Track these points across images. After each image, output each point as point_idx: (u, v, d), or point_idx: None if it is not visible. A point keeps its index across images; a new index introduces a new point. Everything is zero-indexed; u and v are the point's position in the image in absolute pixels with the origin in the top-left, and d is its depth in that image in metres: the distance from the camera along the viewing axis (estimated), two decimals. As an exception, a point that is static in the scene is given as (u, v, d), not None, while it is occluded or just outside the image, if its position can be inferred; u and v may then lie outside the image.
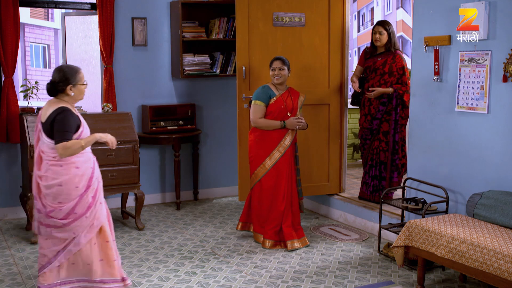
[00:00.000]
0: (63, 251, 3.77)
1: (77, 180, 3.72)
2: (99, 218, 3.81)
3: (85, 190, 3.75)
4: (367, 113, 5.61)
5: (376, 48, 5.61)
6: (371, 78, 5.56)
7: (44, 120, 3.73)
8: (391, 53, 5.49)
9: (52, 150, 3.69)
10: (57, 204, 3.70)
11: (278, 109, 4.95)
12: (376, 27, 5.53)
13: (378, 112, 5.51)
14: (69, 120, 3.66)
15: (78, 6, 6.19)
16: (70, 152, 3.63)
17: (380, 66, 5.50)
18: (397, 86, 5.41)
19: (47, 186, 3.71)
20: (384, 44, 5.51)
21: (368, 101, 5.58)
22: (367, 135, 5.65)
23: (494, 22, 4.08)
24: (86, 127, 3.80)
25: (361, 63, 5.73)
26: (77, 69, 3.77)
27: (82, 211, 3.73)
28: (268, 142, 4.96)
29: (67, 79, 3.71)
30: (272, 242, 4.96)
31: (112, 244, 3.88)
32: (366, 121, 5.62)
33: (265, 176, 4.97)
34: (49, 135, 3.70)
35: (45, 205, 3.73)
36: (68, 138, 3.61)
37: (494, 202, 3.93)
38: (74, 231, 3.73)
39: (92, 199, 3.78)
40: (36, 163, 3.80)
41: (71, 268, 3.81)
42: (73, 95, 3.75)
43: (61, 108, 3.69)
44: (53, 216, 3.71)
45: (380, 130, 5.54)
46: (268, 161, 4.96)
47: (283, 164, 4.98)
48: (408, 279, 4.28)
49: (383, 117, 5.51)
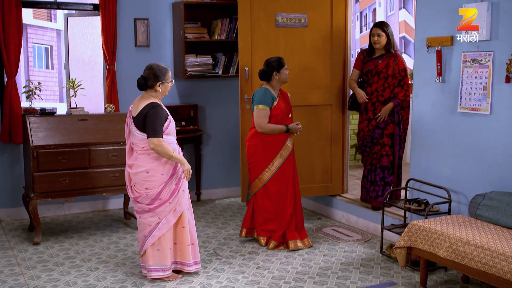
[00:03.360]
0: (149, 235, 4.13)
1: (162, 168, 4.10)
2: (181, 204, 4.17)
3: (170, 178, 4.13)
4: (371, 117, 5.43)
5: (374, 50, 5.45)
6: (374, 82, 5.40)
7: (135, 115, 4.11)
8: (392, 54, 5.35)
9: (142, 142, 4.10)
10: (144, 190, 4.11)
11: (282, 112, 4.92)
12: (374, 29, 5.37)
13: (381, 121, 5.38)
14: (160, 116, 4.04)
15: (81, 7, 6.20)
16: (158, 150, 4.01)
17: (383, 69, 5.34)
18: (396, 90, 5.31)
19: (135, 173, 4.13)
20: (383, 46, 5.36)
21: (372, 106, 5.42)
22: (368, 142, 5.51)
23: (497, 22, 4.07)
24: (172, 120, 4.19)
25: (358, 67, 5.54)
26: (167, 69, 4.18)
27: (166, 197, 4.10)
28: (272, 146, 4.92)
29: (157, 76, 4.11)
30: (275, 243, 4.96)
31: (187, 230, 4.22)
32: (370, 127, 5.45)
33: (270, 180, 4.94)
34: (140, 128, 4.08)
35: (134, 191, 4.16)
36: (159, 135, 4.01)
37: (497, 203, 3.92)
38: (159, 216, 4.12)
39: (176, 186, 4.15)
40: (127, 154, 4.26)
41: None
42: (160, 91, 4.15)
43: (152, 104, 4.08)
44: (140, 201, 4.13)
45: (385, 133, 5.40)
46: (273, 165, 4.93)
47: (288, 167, 4.97)
48: (410, 280, 4.28)
49: (385, 126, 5.39)
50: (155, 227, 4.14)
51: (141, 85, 4.15)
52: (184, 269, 4.28)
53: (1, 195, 5.90)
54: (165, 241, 4.15)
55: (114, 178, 5.34)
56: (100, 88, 6.26)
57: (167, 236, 4.16)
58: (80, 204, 6.21)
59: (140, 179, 4.12)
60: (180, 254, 4.26)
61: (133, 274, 4.38)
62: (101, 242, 5.19)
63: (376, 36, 5.33)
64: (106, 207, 6.37)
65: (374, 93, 5.41)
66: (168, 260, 4.19)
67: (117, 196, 6.20)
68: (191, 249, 4.26)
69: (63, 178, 5.15)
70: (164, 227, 4.13)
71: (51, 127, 5.24)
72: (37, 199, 5.10)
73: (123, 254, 4.84)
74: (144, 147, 4.11)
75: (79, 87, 5.65)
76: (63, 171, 5.15)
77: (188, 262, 4.25)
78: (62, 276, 4.36)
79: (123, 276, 4.34)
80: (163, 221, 4.13)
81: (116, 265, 4.58)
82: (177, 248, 4.25)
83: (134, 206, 4.23)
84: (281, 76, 4.90)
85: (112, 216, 6.10)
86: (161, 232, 4.13)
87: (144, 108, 4.07)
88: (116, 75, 6.11)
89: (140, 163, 4.12)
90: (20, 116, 5.62)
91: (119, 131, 5.38)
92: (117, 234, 5.42)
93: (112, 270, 4.48)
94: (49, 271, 4.46)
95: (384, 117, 5.33)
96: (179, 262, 4.28)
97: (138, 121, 4.10)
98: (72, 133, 5.27)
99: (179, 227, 4.22)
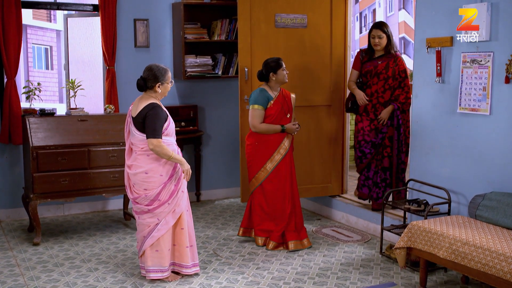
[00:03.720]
0: (148, 236, 4.13)
1: (161, 169, 4.10)
2: (180, 205, 4.17)
3: (169, 178, 4.13)
4: (373, 118, 5.31)
5: (373, 51, 5.35)
6: (374, 84, 5.30)
7: (135, 115, 4.11)
8: (392, 55, 5.27)
9: (141, 142, 4.10)
10: (143, 191, 4.11)
11: (277, 111, 4.92)
12: (374, 31, 5.27)
13: (384, 125, 5.28)
14: (160, 116, 4.04)
15: (81, 8, 6.20)
16: (157, 151, 4.00)
17: (383, 70, 5.26)
18: (397, 93, 5.23)
19: (134, 174, 4.13)
20: (384, 47, 5.29)
21: (373, 108, 5.32)
22: (368, 148, 5.35)
23: (497, 23, 4.07)
24: (172, 121, 4.20)
25: (357, 67, 5.45)
26: (166, 69, 4.17)
27: (166, 198, 4.10)
28: (268, 145, 4.93)
29: (157, 77, 4.10)
30: (275, 244, 4.96)
31: (186, 232, 4.21)
32: (372, 126, 5.32)
33: (266, 179, 4.95)
34: (140, 129, 4.08)
35: (133, 192, 4.15)
36: (158, 136, 4.01)
37: (496, 203, 3.92)
38: (158, 217, 4.12)
39: (175, 187, 4.15)
40: (126, 155, 4.25)
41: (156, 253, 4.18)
42: (160, 92, 4.15)
43: (152, 105, 4.08)
44: (139, 202, 4.13)
45: (385, 135, 5.31)
46: (269, 164, 4.94)
47: (284, 166, 4.97)
48: (410, 280, 4.28)
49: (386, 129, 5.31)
50: (154, 228, 4.13)
51: (141, 86, 4.15)
52: (182, 271, 4.27)
53: (0, 196, 5.89)
54: (164, 242, 4.15)
55: (113, 178, 5.34)
56: (100, 88, 6.26)
57: (166, 237, 4.16)
58: (79, 204, 6.21)
59: (139, 180, 4.12)
60: (178, 256, 4.25)
61: (133, 275, 4.37)
62: (100, 242, 5.19)
63: (377, 38, 5.25)
64: (105, 208, 6.37)
65: (374, 94, 5.33)
66: (166, 261, 4.18)
67: (117, 197, 6.20)
68: (189, 251, 4.25)
69: (62, 178, 5.14)
70: (163, 228, 4.13)
71: (50, 127, 5.24)
72: (36, 199, 5.09)
73: (122, 255, 4.84)
74: (143, 147, 4.11)
75: (78, 88, 5.65)
76: (62, 172, 5.15)
77: (187, 264, 4.25)
78: (61, 276, 4.36)
79: (123, 277, 4.34)
80: (162, 222, 4.13)
81: (116, 266, 4.58)
82: (175, 249, 4.25)
83: (133, 207, 4.23)
84: (278, 77, 4.90)
85: (111, 217, 6.10)
86: (160, 233, 4.13)
87: (143, 109, 4.07)
88: (116, 76, 6.11)
89: (139, 163, 4.12)
90: (19, 116, 5.61)
91: (119, 132, 5.38)
92: (116, 235, 5.42)
93: (112, 270, 4.48)
94: (48, 271, 4.46)
95: (385, 119, 5.26)
96: (177, 264, 4.27)
97: (137, 121, 4.09)
98: (71, 133, 5.27)
99: (178, 228, 4.21)
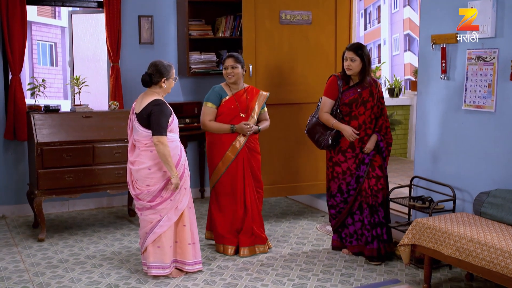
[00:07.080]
0: (150, 232, 4.14)
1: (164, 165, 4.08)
2: (182, 202, 4.18)
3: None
4: (358, 152, 4.60)
5: (349, 77, 4.60)
6: (361, 114, 4.54)
7: (138, 111, 4.12)
8: (372, 80, 4.61)
9: (145, 138, 4.11)
10: (145, 187, 4.11)
11: (228, 110, 4.67)
12: (347, 53, 4.52)
13: (366, 156, 4.60)
14: (165, 113, 4.06)
15: (85, 4, 6.21)
16: (160, 148, 4.00)
17: (370, 98, 4.55)
18: (380, 122, 4.62)
19: (137, 170, 4.13)
20: (358, 72, 4.53)
21: (360, 142, 4.57)
22: (351, 183, 4.61)
23: (502, 19, 4.05)
24: (175, 117, 4.22)
25: (333, 96, 4.58)
26: (171, 65, 4.20)
27: (168, 194, 4.11)
28: (219, 145, 4.69)
29: (162, 73, 4.12)
30: (234, 248, 4.74)
31: (188, 229, 4.22)
32: (357, 162, 4.60)
33: (218, 182, 4.70)
34: (144, 125, 4.08)
35: (135, 188, 4.16)
36: (164, 132, 4.02)
37: (501, 200, 3.91)
38: (160, 213, 4.13)
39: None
40: (129, 151, 4.25)
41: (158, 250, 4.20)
42: (165, 87, 4.16)
43: (156, 101, 4.09)
44: (141, 198, 4.14)
45: (375, 165, 4.61)
46: (220, 166, 4.70)
47: (236, 170, 4.67)
48: (414, 277, 4.27)
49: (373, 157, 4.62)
50: (156, 224, 4.14)
51: (146, 82, 4.15)
52: (184, 268, 4.27)
53: (5, 192, 5.92)
54: (166, 238, 4.16)
55: (118, 175, 5.34)
56: (105, 85, 6.27)
57: (168, 234, 4.16)
58: (84, 201, 6.22)
59: (142, 176, 4.12)
60: (180, 253, 4.25)
61: (137, 271, 4.38)
62: (105, 239, 5.20)
63: (348, 60, 4.50)
64: (110, 204, 6.39)
65: (362, 126, 4.56)
66: (168, 258, 4.19)
67: (121, 193, 6.20)
68: (191, 248, 4.26)
69: (67, 175, 5.16)
70: (165, 224, 4.13)
71: (55, 124, 5.25)
72: (41, 196, 5.11)
73: (127, 251, 4.85)
74: (147, 143, 4.11)
75: (83, 84, 5.66)
76: (67, 168, 5.16)
77: (189, 261, 4.25)
78: (66, 272, 4.37)
79: (127, 273, 4.35)
80: (164, 219, 4.13)
81: (120, 262, 4.59)
82: (177, 246, 4.25)
83: (136, 203, 4.24)
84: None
85: (116, 213, 6.12)
86: (162, 229, 4.13)
87: (148, 105, 4.07)
88: (120, 72, 6.12)
89: (142, 159, 4.13)
90: (24, 113, 5.63)
91: (123, 128, 5.38)
92: (121, 231, 5.44)
93: (116, 267, 4.49)
94: (53, 267, 4.48)
95: (371, 149, 4.59)
96: (179, 261, 4.28)
97: (141, 117, 4.10)
98: (76, 130, 5.28)
99: (180, 225, 4.22)
